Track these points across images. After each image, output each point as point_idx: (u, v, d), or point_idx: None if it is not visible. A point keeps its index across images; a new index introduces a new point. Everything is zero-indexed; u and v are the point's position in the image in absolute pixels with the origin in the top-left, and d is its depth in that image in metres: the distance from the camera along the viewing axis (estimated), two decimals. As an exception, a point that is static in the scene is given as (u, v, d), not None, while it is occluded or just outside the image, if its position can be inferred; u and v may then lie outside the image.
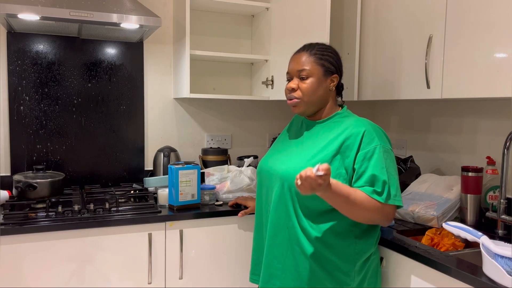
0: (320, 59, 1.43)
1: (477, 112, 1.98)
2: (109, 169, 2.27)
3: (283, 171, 1.42)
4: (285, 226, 1.41)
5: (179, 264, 1.83)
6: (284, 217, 1.41)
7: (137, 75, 2.29)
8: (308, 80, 1.42)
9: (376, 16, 2.09)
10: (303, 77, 1.43)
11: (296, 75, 1.45)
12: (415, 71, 1.83)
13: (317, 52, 1.44)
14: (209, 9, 2.39)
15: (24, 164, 2.10)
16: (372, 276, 1.45)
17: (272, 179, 1.46)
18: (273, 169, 1.47)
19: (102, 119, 2.24)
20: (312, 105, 1.45)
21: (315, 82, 1.42)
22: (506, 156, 1.62)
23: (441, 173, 2.15)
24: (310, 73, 1.42)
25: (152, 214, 1.79)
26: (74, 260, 1.68)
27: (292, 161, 1.42)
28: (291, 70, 1.46)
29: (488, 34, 1.53)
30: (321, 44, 1.49)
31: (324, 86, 1.44)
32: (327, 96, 1.47)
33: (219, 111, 2.50)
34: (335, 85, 1.47)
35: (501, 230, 1.67)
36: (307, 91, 1.42)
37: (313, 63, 1.43)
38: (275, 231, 1.44)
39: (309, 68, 1.42)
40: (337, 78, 1.46)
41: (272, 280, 1.44)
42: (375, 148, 1.34)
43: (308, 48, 1.46)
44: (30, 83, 2.10)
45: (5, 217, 1.65)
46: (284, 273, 1.41)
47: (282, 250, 1.42)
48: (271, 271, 1.44)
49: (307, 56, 1.44)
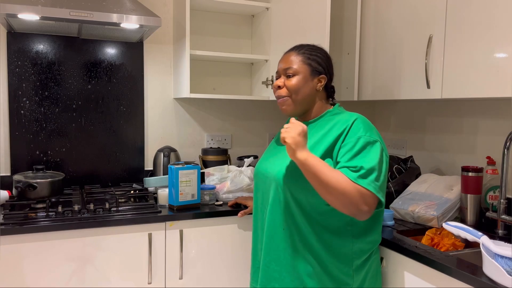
0: (307, 58, 1.45)
1: (477, 112, 1.98)
2: (109, 169, 2.27)
3: (276, 173, 1.42)
4: (281, 227, 1.41)
5: (179, 264, 1.83)
6: (280, 218, 1.41)
7: (137, 75, 2.29)
8: (293, 78, 1.44)
9: (376, 16, 2.09)
10: (289, 75, 1.45)
11: (283, 74, 1.47)
12: (415, 71, 1.83)
13: (305, 52, 1.46)
14: (209, 9, 2.39)
15: (24, 164, 2.10)
16: (372, 277, 1.44)
17: (267, 182, 1.46)
18: (267, 171, 1.48)
19: (102, 119, 2.24)
20: (299, 104, 1.45)
21: (301, 80, 1.43)
22: (506, 156, 1.62)
23: (441, 173, 2.15)
24: (296, 71, 1.44)
25: (152, 214, 1.79)
26: (74, 260, 1.68)
27: (285, 163, 1.42)
28: (279, 68, 1.49)
29: (488, 34, 1.53)
30: (312, 45, 1.50)
31: (311, 86, 1.45)
32: (313, 96, 1.47)
33: (219, 111, 2.50)
34: (322, 86, 1.46)
35: (501, 230, 1.67)
36: (292, 88, 1.43)
37: (300, 62, 1.44)
38: (272, 233, 1.43)
39: (295, 67, 1.44)
40: (324, 79, 1.46)
41: (271, 282, 1.44)
42: (359, 139, 1.32)
43: (298, 48, 1.48)
44: (30, 83, 2.10)
45: (5, 217, 1.65)
46: (282, 275, 1.41)
47: (279, 252, 1.41)
48: (270, 273, 1.44)
49: (295, 56, 1.46)
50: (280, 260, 1.41)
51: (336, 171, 1.26)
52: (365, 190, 1.25)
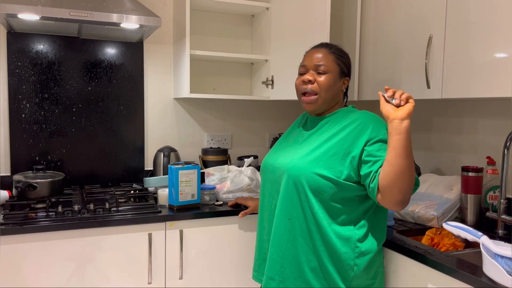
0: (337, 58, 1.46)
1: (477, 112, 1.98)
2: (109, 169, 2.27)
3: (286, 164, 1.42)
4: (287, 217, 1.41)
5: (179, 264, 1.83)
6: (291, 209, 1.40)
7: (137, 75, 2.29)
8: (325, 76, 1.43)
9: (376, 16, 2.09)
10: (320, 72, 1.44)
11: (313, 69, 1.45)
12: (415, 71, 1.83)
13: (335, 52, 1.47)
14: (209, 9, 2.39)
15: (24, 164, 2.10)
16: (373, 277, 1.44)
17: (277, 174, 1.46)
18: (277, 163, 1.47)
19: (102, 119, 2.24)
20: (326, 102, 1.46)
21: (332, 79, 1.44)
22: (506, 156, 1.62)
23: (441, 173, 2.15)
24: (328, 69, 1.44)
25: (152, 214, 1.79)
26: (74, 260, 1.68)
27: (297, 154, 1.42)
28: (309, 63, 1.46)
29: (488, 34, 1.53)
30: (336, 45, 1.53)
31: (338, 86, 1.47)
32: (338, 97, 1.49)
33: (219, 111, 2.50)
34: (345, 88, 1.50)
35: (501, 230, 1.67)
36: (324, 85, 1.43)
37: (332, 61, 1.45)
38: (280, 223, 1.43)
39: (328, 64, 1.44)
40: (348, 81, 1.50)
41: (274, 273, 1.44)
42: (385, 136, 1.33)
43: (327, 46, 1.49)
44: (30, 83, 2.10)
45: (5, 217, 1.65)
46: (283, 266, 1.41)
47: (283, 242, 1.41)
48: (273, 264, 1.44)
49: (326, 53, 1.46)
50: (283, 251, 1.41)
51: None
52: None
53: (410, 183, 1.27)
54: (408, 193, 1.28)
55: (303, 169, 1.37)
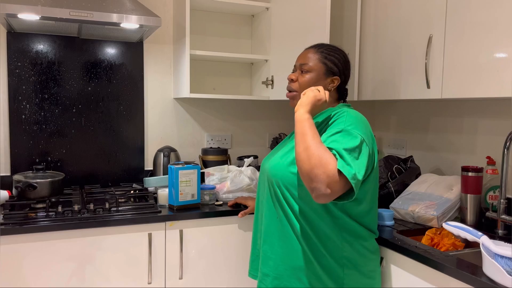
0: (325, 57, 1.48)
1: (477, 112, 1.98)
2: (109, 169, 2.27)
3: (269, 167, 1.48)
4: (275, 216, 1.44)
5: (179, 264, 1.83)
6: (277, 208, 1.44)
7: (137, 75, 2.29)
8: (307, 75, 1.48)
9: (376, 16, 2.09)
10: (304, 71, 1.49)
11: (299, 68, 1.50)
12: (415, 71, 1.83)
13: (324, 51, 1.49)
14: (209, 9, 2.39)
15: (24, 164, 2.10)
16: (371, 277, 1.44)
17: (265, 174, 1.51)
18: (266, 164, 1.53)
19: (102, 119, 2.24)
20: None
21: (314, 78, 1.47)
22: (506, 156, 1.62)
23: (441, 173, 2.15)
24: (311, 68, 1.47)
25: (152, 214, 1.79)
26: (74, 260, 1.68)
27: (278, 155, 1.47)
28: (296, 63, 1.53)
29: (488, 34, 1.53)
30: (333, 45, 1.54)
31: (322, 84, 1.46)
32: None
33: (219, 111, 2.50)
34: (334, 87, 1.48)
35: (501, 230, 1.67)
36: (303, 84, 1.47)
37: (316, 60, 1.48)
38: (268, 221, 1.47)
39: (311, 64, 1.47)
40: (338, 80, 1.49)
41: (267, 270, 1.46)
42: (341, 130, 1.30)
43: (317, 46, 1.52)
44: (30, 83, 2.10)
45: (5, 217, 1.65)
46: (276, 263, 1.43)
47: (274, 240, 1.44)
48: (266, 261, 1.47)
49: (313, 53, 1.49)
50: (275, 248, 1.44)
51: (323, 146, 1.25)
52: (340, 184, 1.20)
53: (309, 169, 1.20)
54: (315, 181, 1.19)
55: (279, 169, 1.42)
